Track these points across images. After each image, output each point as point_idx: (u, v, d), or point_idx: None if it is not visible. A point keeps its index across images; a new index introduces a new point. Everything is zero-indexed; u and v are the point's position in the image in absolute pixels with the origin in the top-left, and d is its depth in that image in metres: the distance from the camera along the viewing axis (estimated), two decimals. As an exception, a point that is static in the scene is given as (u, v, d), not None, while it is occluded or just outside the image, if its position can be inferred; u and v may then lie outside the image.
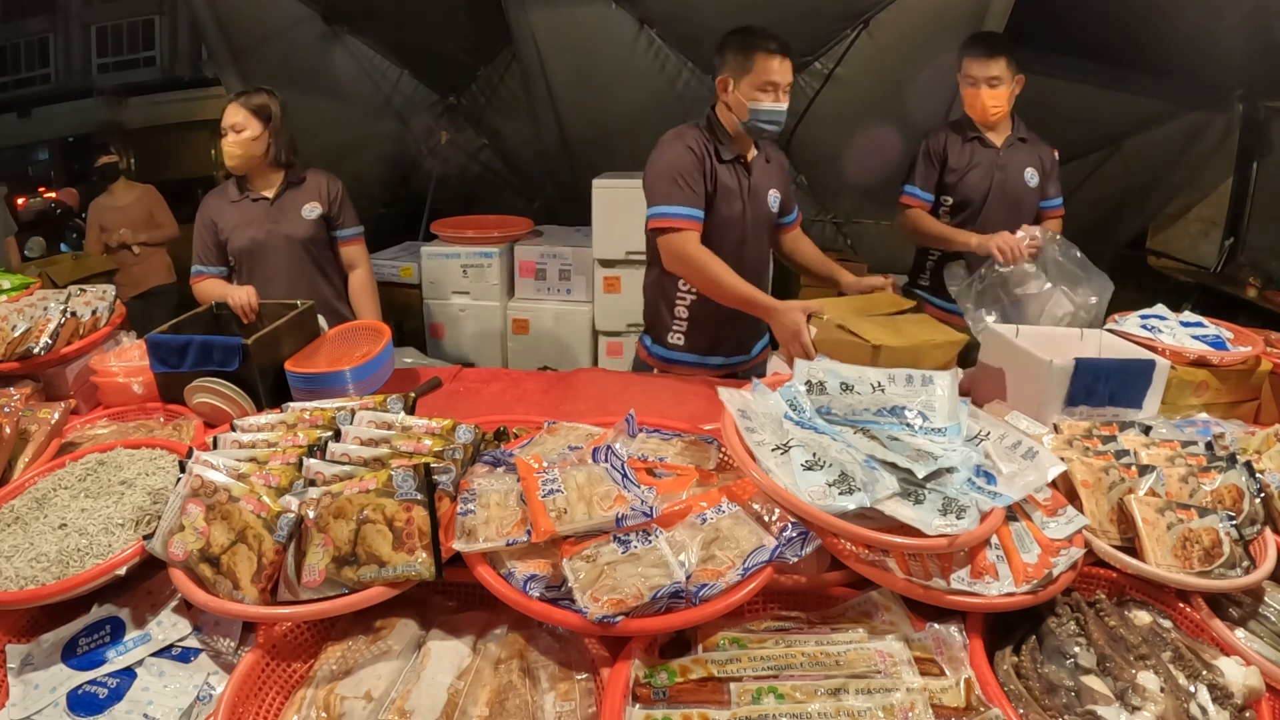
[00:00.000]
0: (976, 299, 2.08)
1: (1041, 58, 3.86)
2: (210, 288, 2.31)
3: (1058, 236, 2.22)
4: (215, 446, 1.24)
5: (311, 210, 2.39)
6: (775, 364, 2.03)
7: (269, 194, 2.38)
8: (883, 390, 1.31)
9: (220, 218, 2.37)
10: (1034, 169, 2.60)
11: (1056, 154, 2.72)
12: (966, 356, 1.81)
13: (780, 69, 1.97)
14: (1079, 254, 2.13)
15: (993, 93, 2.46)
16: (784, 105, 2.02)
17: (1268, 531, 1.21)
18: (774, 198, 2.20)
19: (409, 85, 4.40)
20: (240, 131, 2.29)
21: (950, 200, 2.62)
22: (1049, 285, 2.07)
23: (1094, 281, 2.06)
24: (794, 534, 1.03)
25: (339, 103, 4.16)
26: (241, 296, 2.01)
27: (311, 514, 1.05)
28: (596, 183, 3.55)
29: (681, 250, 2.03)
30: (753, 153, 2.16)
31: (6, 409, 1.40)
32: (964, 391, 1.48)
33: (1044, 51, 3.82)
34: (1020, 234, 2.24)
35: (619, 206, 3.53)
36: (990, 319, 1.99)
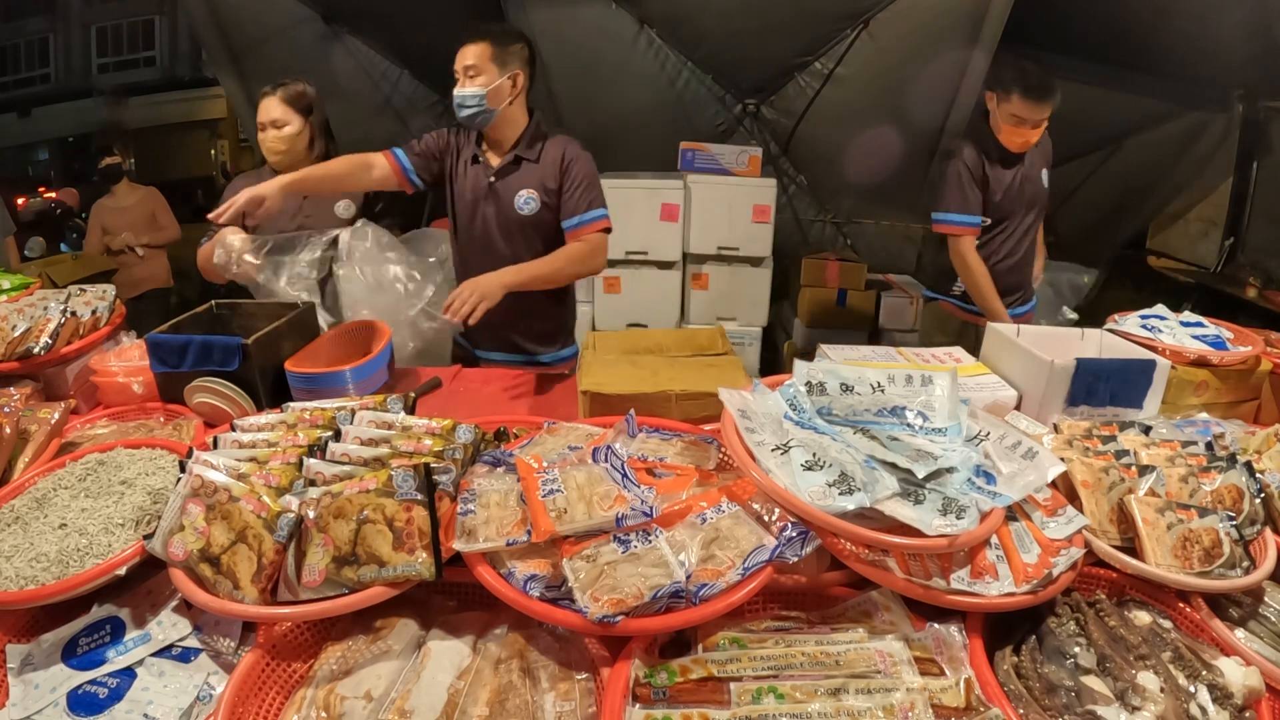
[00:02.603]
0: None
1: (1041, 58, 3.86)
2: (209, 246, 2.15)
3: None
4: (215, 446, 1.24)
5: (346, 209, 2.29)
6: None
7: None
8: (883, 391, 1.31)
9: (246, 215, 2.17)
10: (1046, 168, 2.64)
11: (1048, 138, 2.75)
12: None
13: (462, 53, 1.96)
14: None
15: (1036, 132, 2.48)
16: (467, 90, 1.99)
17: (1268, 531, 1.21)
18: (525, 200, 2.12)
19: (409, 85, 4.40)
20: (281, 127, 2.18)
21: (988, 219, 2.63)
22: None
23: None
24: (794, 534, 1.03)
25: (339, 103, 4.14)
26: (240, 200, 1.89)
27: (311, 514, 1.05)
28: (597, 182, 3.54)
29: None
30: (500, 152, 2.12)
31: (6, 409, 1.40)
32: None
33: (1044, 51, 3.82)
34: None
35: (619, 206, 3.53)
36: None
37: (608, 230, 2.12)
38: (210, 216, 1.84)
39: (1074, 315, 3.02)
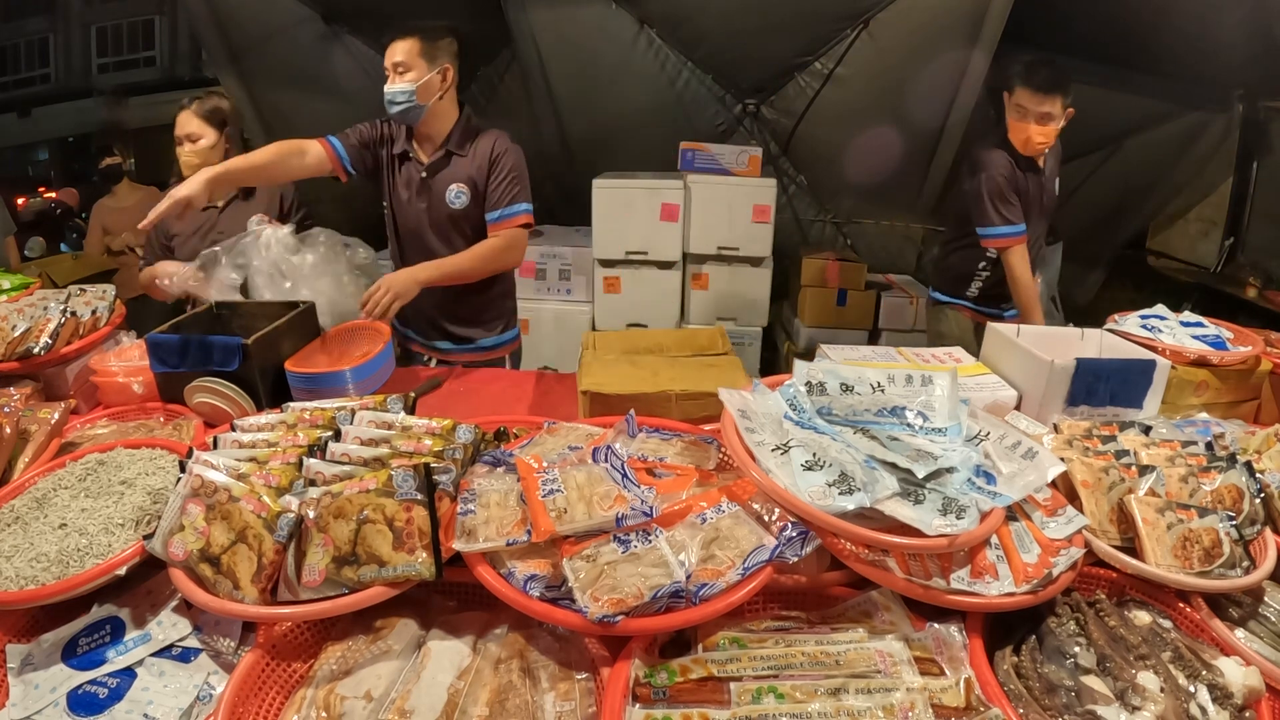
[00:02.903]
0: None
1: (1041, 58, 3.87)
2: (150, 272, 2.28)
3: None
4: (215, 446, 1.24)
5: (258, 223, 2.28)
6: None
7: (219, 203, 2.34)
8: (882, 390, 1.31)
9: (168, 222, 2.29)
10: (1057, 176, 2.66)
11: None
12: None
13: (392, 49, 2.00)
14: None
15: (1042, 129, 2.44)
16: (397, 85, 2.01)
17: (1268, 531, 1.21)
18: (456, 194, 2.17)
19: (409, 85, 4.40)
20: (196, 140, 2.26)
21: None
22: None
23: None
24: (794, 534, 1.03)
25: (339, 103, 4.15)
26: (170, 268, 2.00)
27: (311, 514, 1.05)
28: (596, 183, 3.55)
29: None
30: (431, 147, 2.15)
31: (6, 409, 1.40)
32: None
33: (1044, 51, 3.82)
34: None
35: (619, 206, 3.54)
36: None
37: (528, 225, 2.17)
38: (141, 226, 1.85)
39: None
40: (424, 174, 2.13)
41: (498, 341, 2.39)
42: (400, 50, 2.01)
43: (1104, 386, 1.56)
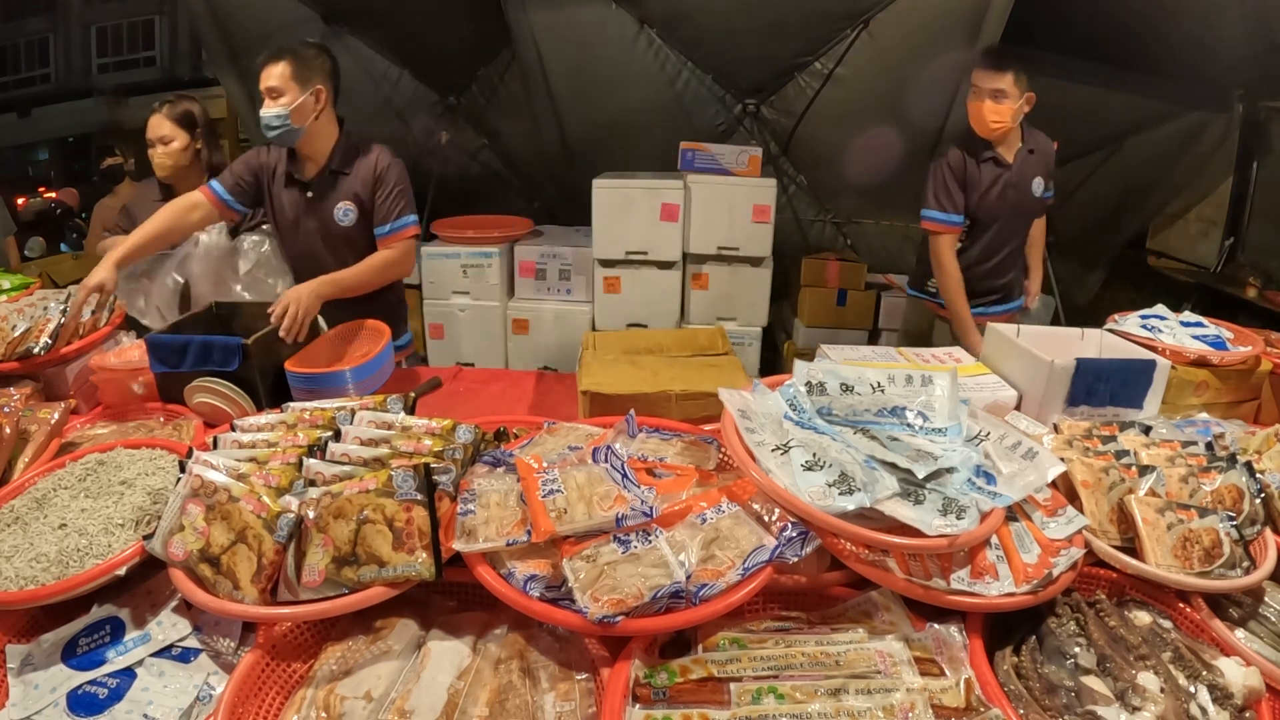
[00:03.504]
0: None
1: (1041, 58, 3.86)
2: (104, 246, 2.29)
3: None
4: (215, 446, 1.24)
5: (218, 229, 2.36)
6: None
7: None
8: (883, 391, 1.31)
9: (141, 216, 2.29)
10: (1041, 178, 2.62)
11: (1055, 145, 2.74)
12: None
13: (265, 74, 2.01)
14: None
15: (995, 106, 2.44)
16: (272, 110, 2.01)
17: (1268, 532, 1.21)
18: (344, 212, 2.19)
19: (409, 85, 4.39)
20: (168, 143, 2.33)
21: (969, 222, 2.64)
22: None
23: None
24: (794, 534, 1.03)
25: (339, 103, 4.15)
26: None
27: (311, 514, 1.05)
28: (596, 183, 3.54)
29: None
30: (316, 167, 2.17)
31: (6, 409, 1.40)
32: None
33: (1044, 51, 3.81)
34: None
35: (619, 206, 3.53)
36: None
37: (416, 236, 2.23)
38: (67, 323, 1.82)
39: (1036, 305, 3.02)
40: (310, 194, 2.15)
41: (402, 342, 2.44)
42: (273, 75, 2.00)
43: (1104, 386, 1.56)
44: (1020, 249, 2.75)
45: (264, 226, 2.35)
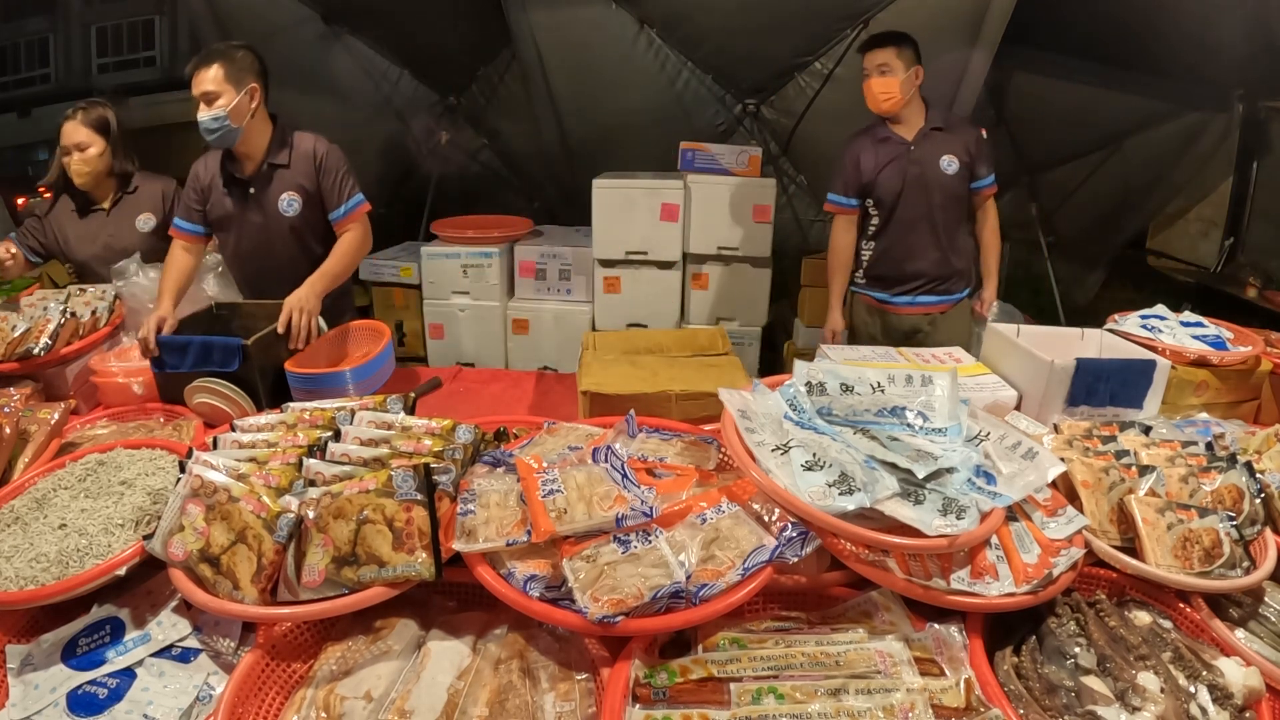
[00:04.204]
0: None
1: (1041, 58, 3.86)
2: None
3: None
4: (215, 446, 1.24)
5: (146, 222, 2.39)
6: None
7: (105, 205, 2.39)
8: (883, 391, 1.31)
9: (59, 227, 2.38)
10: (952, 156, 2.58)
11: (984, 132, 2.73)
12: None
13: (198, 80, 2.03)
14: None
15: (882, 80, 2.49)
16: (210, 113, 2.03)
17: (1268, 532, 1.21)
18: (288, 202, 2.22)
19: (409, 85, 4.39)
20: (85, 149, 2.29)
21: (871, 200, 2.68)
22: None
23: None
24: (794, 534, 1.03)
25: (339, 103, 4.15)
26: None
27: (311, 514, 1.05)
28: (596, 183, 3.54)
29: None
30: (254, 164, 2.18)
31: (6, 409, 1.40)
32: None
33: (1044, 51, 3.81)
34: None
35: (619, 206, 3.53)
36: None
37: (369, 212, 2.27)
38: (141, 347, 1.84)
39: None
40: (251, 190, 2.17)
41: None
42: (207, 80, 2.02)
43: (1104, 386, 1.56)
44: (949, 237, 2.67)
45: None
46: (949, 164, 2.59)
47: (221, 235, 2.23)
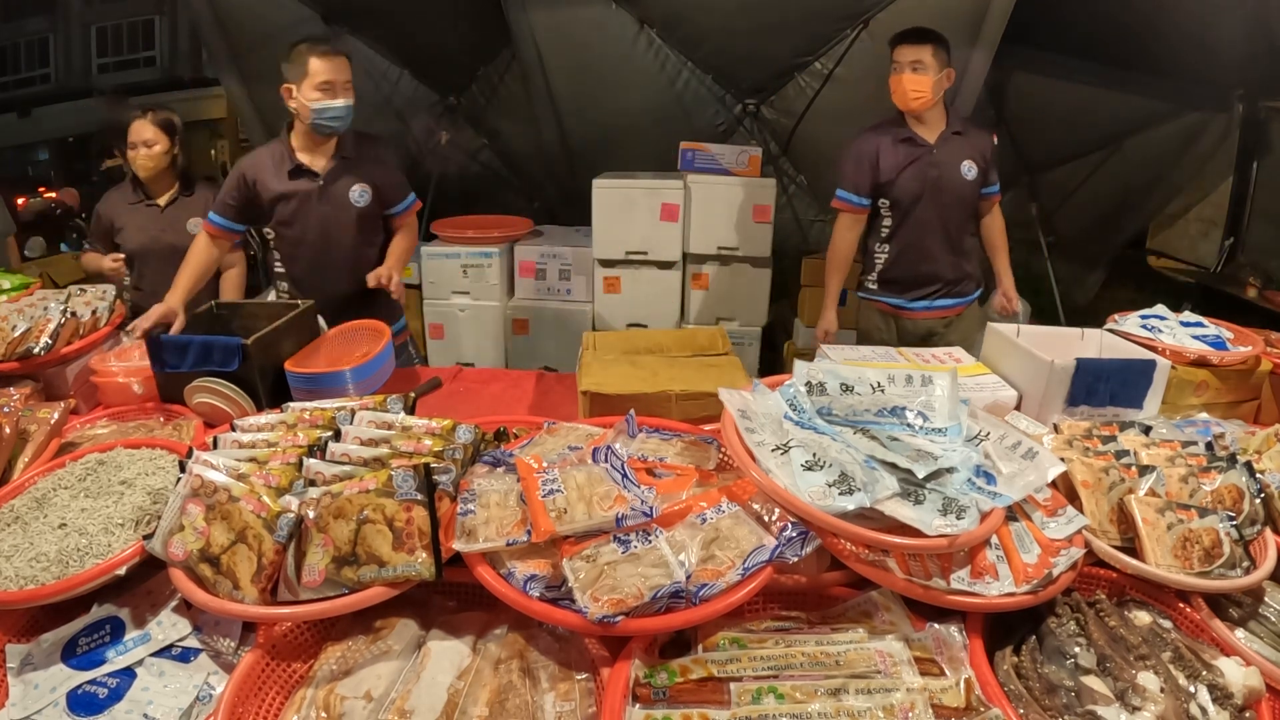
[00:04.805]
0: None
1: (1041, 58, 3.86)
2: (90, 260, 2.73)
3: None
4: (215, 446, 1.24)
5: (195, 225, 2.58)
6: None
7: (161, 201, 2.65)
8: (883, 391, 1.31)
9: (116, 216, 2.67)
10: (972, 161, 2.56)
11: (995, 138, 2.71)
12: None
13: (335, 66, 2.14)
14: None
15: (915, 77, 2.44)
16: (343, 101, 2.16)
17: (1268, 532, 1.21)
18: (359, 194, 2.33)
19: (409, 85, 4.39)
20: (151, 146, 2.56)
21: (888, 201, 2.62)
22: None
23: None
24: (794, 534, 1.03)
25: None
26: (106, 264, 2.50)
27: (311, 514, 1.05)
28: (596, 183, 3.55)
29: None
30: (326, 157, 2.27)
31: (6, 409, 1.40)
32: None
33: (1044, 51, 3.81)
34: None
35: (619, 206, 3.53)
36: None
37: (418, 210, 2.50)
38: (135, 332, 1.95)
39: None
40: (321, 182, 2.25)
41: (400, 326, 2.54)
42: (344, 69, 2.16)
43: (1104, 386, 1.56)
44: (960, 240, 2.66)
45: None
46: (969, 169, 2.57)
47: (283, 227, 2.28)
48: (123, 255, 2.61)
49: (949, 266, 2.65)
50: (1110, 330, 1.83)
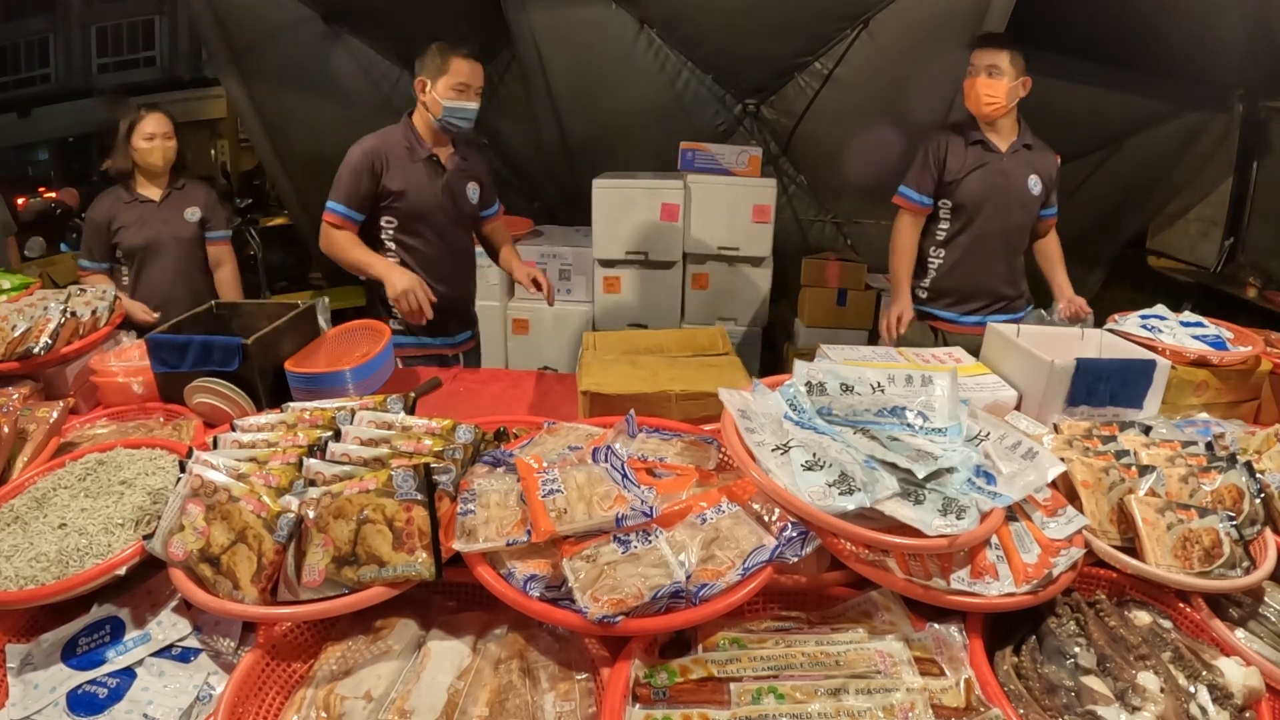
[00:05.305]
0: None
1: (1041, 58, 3.85)
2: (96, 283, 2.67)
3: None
4: (215, 446, 1.24)
5: (193, 214, 2.74)
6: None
7: (156, 197, 2.70)
8: (883, 391, 1.31)
9: (114, 217, 2.68)
10: (1039, 177, 2.54)
11: (1059, 160, 2.68)
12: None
13: (473, 71, 2.22)
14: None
15: (990, 82, 2.41)
16: (474, 105, 2.25)
17: (1268, 532, 1.21)
18: (473, 191, 2.45)
19: (409, 85, 4.39)
20: (168, 139, 2.65)
21: (949, 204, 2.57)
22: None
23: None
24: (794, 534, 1.03)
25: (339, 103, 4.15)
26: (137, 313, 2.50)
27: (311, 514, 1.05)
28: (596, 183, 3.55)
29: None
30: (448, 150, 2.37)
31: (5, 409, 1.40)
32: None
33: (1044, 51, 3.81)
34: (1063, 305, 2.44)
35: (619, 206, 3.54)
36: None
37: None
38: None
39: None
40: (445, 176, 2.34)
41: (471, 334, 2.66)
42: (482, 74, 2.24)
43: (1104, 386, 1.56)
44: (1017, 257, 2.64)
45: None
46: (1035, 184, 2.54)
47: (406, 218, 2.30)
48: (155, 314, 2.57)
49: (1005, 282, 2.61)
50: (1110, 330, 1.83)
